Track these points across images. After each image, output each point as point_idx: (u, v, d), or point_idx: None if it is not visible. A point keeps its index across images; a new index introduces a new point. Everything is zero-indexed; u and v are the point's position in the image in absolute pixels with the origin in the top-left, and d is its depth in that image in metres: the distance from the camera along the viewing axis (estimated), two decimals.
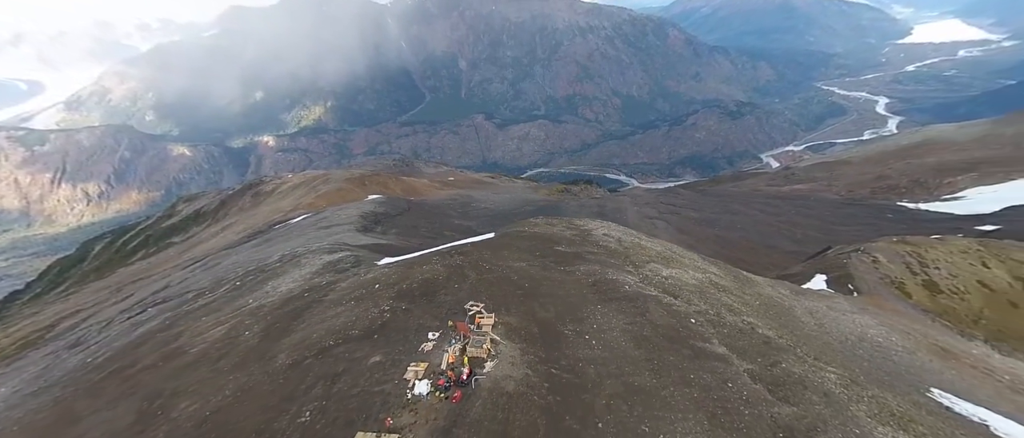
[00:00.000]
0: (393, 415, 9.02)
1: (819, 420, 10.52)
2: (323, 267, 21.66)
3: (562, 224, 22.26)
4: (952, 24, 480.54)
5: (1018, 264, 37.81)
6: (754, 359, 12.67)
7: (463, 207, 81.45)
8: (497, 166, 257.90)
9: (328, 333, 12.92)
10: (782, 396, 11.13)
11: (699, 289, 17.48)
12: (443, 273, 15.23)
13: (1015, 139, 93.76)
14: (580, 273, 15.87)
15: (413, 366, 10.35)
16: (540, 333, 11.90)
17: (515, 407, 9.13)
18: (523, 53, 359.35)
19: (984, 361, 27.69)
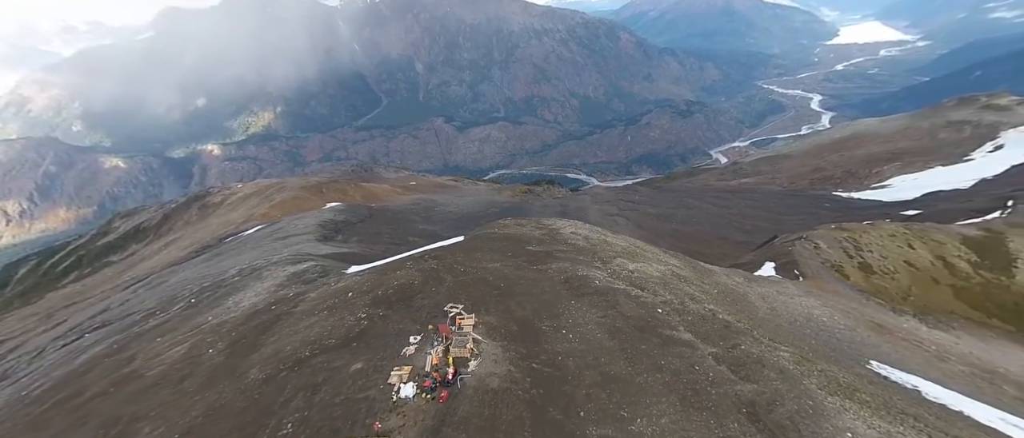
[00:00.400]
0: (381, 419, 9.07)
1: (777, 395, 11.45)
2: (288, 279, 21.03)
3: (531, 224, 22.76)
4: (873, 26, 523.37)
5: (938, 244, 41.84)
6: (717, 343, 13.57)
7: (427, 211, 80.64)
8: (459, 169, 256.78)
9: (303, 344, 12.71)
10: (743, 375, 12.01)
11: (663, 281, 18.41)
12: (419, 278, 15.28)
13: (931, 131, 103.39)
14: (552, 271, 16.37)
15: (397, 370, 10.40)
16: (519, 330, 12.25)
17: (501, 402, 9.42)
18: (480, 55, 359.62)
19: (913, 334, 30.58)
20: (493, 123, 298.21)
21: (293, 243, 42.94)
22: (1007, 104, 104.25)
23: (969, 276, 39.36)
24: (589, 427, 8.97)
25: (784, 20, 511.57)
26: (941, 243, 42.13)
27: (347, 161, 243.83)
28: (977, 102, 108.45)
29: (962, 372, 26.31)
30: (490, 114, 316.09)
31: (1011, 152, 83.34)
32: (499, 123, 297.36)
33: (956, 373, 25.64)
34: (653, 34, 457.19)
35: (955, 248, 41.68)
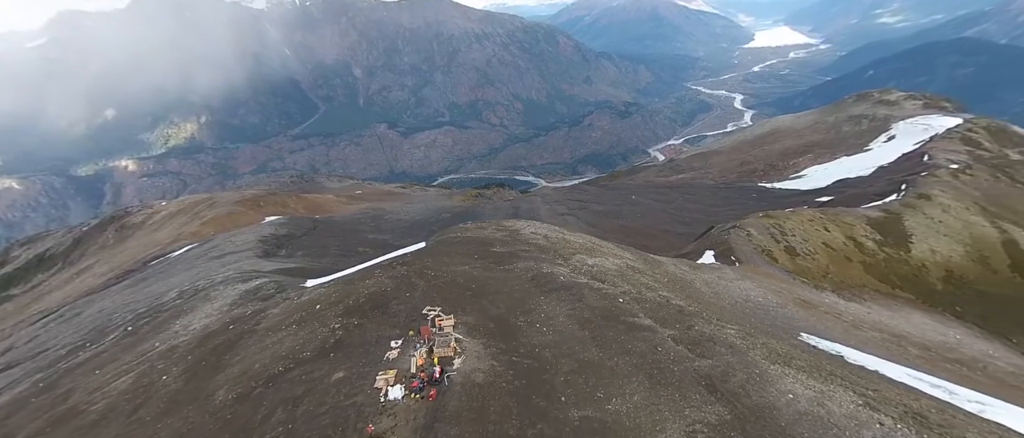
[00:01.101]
0: (373, 422, 9.20)
1: (729, 367, 12.76)
2: (241, 297, 20.07)
3: (492, 227, 23.29)
4: (783, 30, 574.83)
5: (848, 226, 47.03)
6: (673, 326, 14.80)
7: (375, 221, 78.58)
8: (406, 175, 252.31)
9: (274, 360, 12.41)
10: (699, 353, 13.25)
11: (620, 273, 19.62)
12: (390, 284, 15.32)
13: (835, 125, 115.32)
14: (519, 270, 16.99)
15: (382, 374, 10.53)
16: (496, 327, 12.74)
17: (488, 395, 9.86)
18: (421, 60, 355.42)
19: (833, 307, 34.29)
20: (439, 128, 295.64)
21: (231, 261, 40.62)
22: (895, 99, 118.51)
23: (875, 253, 44.64)
24: (571, 410, 9.66)
25: (706, 25, 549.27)
26: (851, 225, 47.43)
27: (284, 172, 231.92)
28: (871, 98, 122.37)
29: (875, 337, 29.91)
30: (435, 119, 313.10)
31: (901, 142, 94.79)
32: (445, 128, 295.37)
33: (870, 339, 29.12)
34: (589, 38, 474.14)
35: (862, 229, 47.05)
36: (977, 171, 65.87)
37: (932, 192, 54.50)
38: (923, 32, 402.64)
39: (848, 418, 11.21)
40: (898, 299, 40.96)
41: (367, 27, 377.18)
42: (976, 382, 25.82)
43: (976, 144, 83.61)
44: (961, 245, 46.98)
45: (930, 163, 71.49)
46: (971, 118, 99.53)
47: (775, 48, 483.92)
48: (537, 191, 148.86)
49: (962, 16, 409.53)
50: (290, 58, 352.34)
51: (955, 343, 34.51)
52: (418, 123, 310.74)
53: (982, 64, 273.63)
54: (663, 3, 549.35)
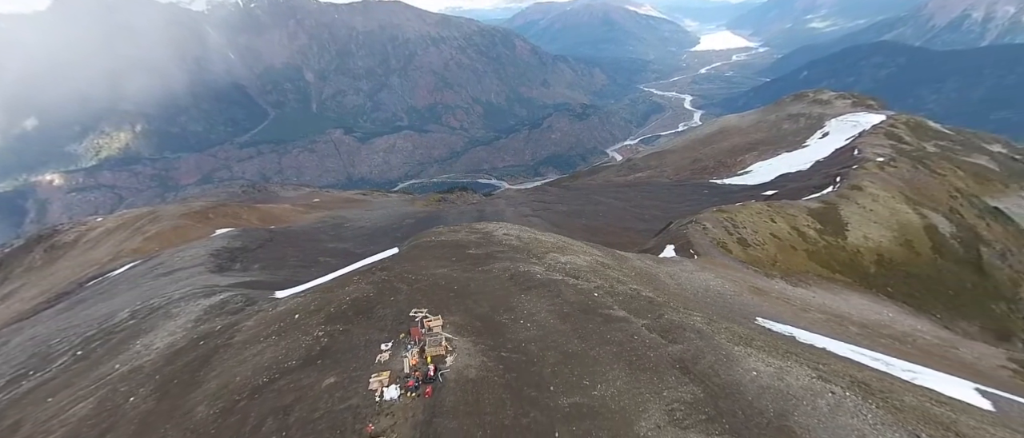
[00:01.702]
0: (372, 421, 9.34)
1: (698, 350, 13.75)
2: (206, 312, 19.29)
3: (465, 230, 23.58)
4: (726, 35, 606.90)
5: (792, 217, 50.49)
6: (645, 315, 15.70)
7: (335, 229, 76.46)
8: (365, 182, 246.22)
9: (257, 371, 12.20)
10: (671, 339, 14.18)
11: (592, 269, 20.46)
12: (372, 290, 15.33)
13: (776, 124, 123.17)
14: (497, 270, 17.42)
15: (375, 376, 10.64)
16: (483, 326, 13.10)
17: (482, 389, 10.22)
18: (377, 63, 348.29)
19: (782, 293, 36.85)
20: (397, 132, 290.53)
21: (182, 278, 38.69)
22: (828, 99, 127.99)
23: (816, 241, 48.17)
24: (560, 398, 10.21)
25: (655, 30, 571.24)
26: (794, 216, 50.93)
27: (233, 182, 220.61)
28: (807, 98, 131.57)
29: (820, 319, 32.44)
30: (393, 123, 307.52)
31: (834, 138, 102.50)
32: (404, 132, 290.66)
33: (816, 320, 31.58)
34: (545, 42, 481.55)
35: (804, 219, 50.63)
36: (900, 163, 72.39)
37: (863, 183, 59.40)
38: (849, 35, 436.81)
39: (804, 389, 12.41)
40: (838, 282, 44.42)
41: (317, 30, 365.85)
42: (908, 354, 28.58)
43: (898, 138, 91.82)
44: (889, 231, 51.45)
45: (860, 157, 77.83)
46: (893, 115, 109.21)
47: (719, 51, 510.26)
48: (500, 194, 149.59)
49: (882, 21, 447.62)
50: (235, 62, 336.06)
51: (888, 320, 37.87)
52: (376, 128, 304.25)
53: (901, 65, 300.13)
54: (614, 8, 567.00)
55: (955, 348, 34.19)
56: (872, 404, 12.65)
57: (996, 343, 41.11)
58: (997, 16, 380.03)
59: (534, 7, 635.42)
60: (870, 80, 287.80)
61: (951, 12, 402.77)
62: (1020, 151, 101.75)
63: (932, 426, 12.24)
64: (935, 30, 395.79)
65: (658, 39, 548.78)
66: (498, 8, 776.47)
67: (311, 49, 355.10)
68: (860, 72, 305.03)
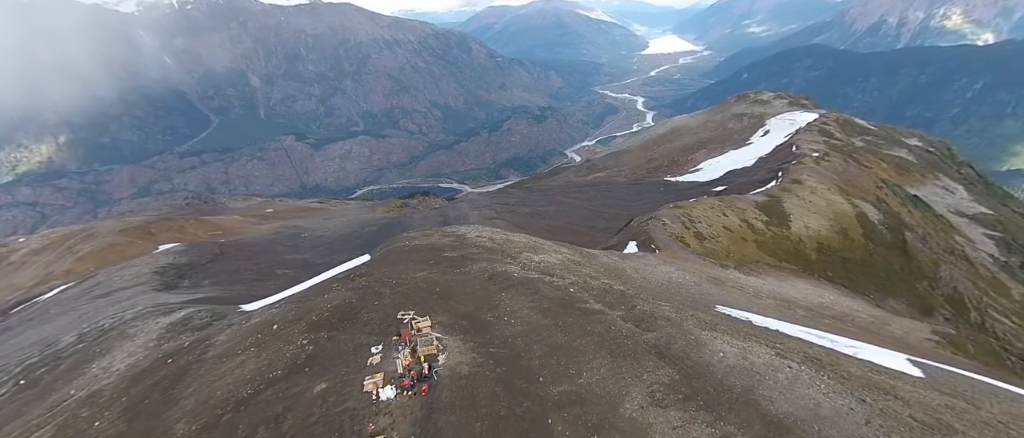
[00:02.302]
0: (371, 421, 9.44)
1: (670, 336, 14.69)
2: (168, 330, 18.36)
3: (438, 234, 23.70)
4: (672, 39, 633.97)
5: (741, 211, 53.70)
6: (619, 307, 16.55)
7: (293, 240, 73.73)
8: (320, 189, 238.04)
9: (238, 384, 11.92)
10: (645, 327, 15.06)
11: (564, 266, 21.19)
12: (354, 296, 15.24)
13: (722, 123, 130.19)
14: (475, 271, 17.73)
15: (369, 378, 10.72)
16: (469, 324, 13.40)
17: (475, 384, 10.55)
18: (328, 67, 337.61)
19: (737, 281, 39.23)
20: (353, 138, 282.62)
21: (122, 299, 36.45)
22: (767, 99, 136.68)
23: (764, 232, 51.47)
24: (549, 388, 10.72)
25: (606, 33, 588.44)
26: (743, 209, 54.20)
27: (174, 194, 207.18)
28: (749, 98, 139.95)
29: (771, 304, 34.83)
30: (348, 128, 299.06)
31: (775, 136, 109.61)
32: (360, 137, 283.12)
33: (768, 305, 33.90)
34: (501, 45, 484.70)
35: (752, 212, 53.97)
36: (833, 157, 78.53)
37: (801, 177, 64.01)
38: (783, 40, 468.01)
39: (766, 366, 13.58)
40: (784, 270, 47.65)
41: (263, 33, 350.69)
42: (848, 332, 31.24)
43: (830, 135, 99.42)
44: (826, 220, 55.71)
45: (797, 153, 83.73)
46: (824, 113, 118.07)
47: (667, 55, 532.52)
48: (463, 197, 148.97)
49: (811, 26, 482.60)
50: (172, 67, 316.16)
51: (829, 303, 41.09)
52: (330, 134, 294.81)
53: (829, 67, 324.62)
54: (566, 12, 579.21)
55: (887, 324, 37.66)
56: (824, 375, 14.01)
57: (921, 318, 45.53)
58: (909, 21, 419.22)
59: (488, 11, 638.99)
60: (802, 81, 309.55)
61: (870, 17, 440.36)
62: (933, 144, 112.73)
63: (875, 392, 13.71)
64: (857, 34, 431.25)
65: (609, 43, 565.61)
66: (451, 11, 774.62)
67: (256, 53, 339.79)
68: (794, 74, 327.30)
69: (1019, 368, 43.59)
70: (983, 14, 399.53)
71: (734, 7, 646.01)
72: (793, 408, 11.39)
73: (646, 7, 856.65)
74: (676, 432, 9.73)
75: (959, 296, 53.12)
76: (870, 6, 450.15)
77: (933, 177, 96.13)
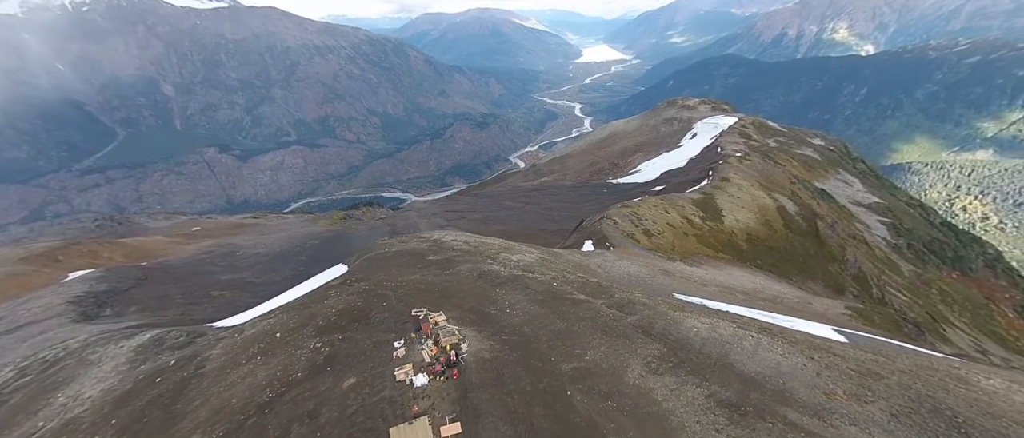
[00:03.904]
0: (413, 404, 10.05)
1: (650, 318, 16.47)
2: (138, 352, 17.30)
3: (414, 240, 24.12)
4: (603, 48, 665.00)
5: (681, 208, 58.22)
6: (600, 296, 18.14)
7: (226, 258, 69.27)
8: (250, 204, 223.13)
9: (255, 390, 11.92)
10: (627, 311, 16.73)
11: (540, 264, 22.54)
12: (359, 300, 15.47)
13: (655, 127, 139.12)
14: (464, 271, 18.51)
15: (399, 369, 11.27)
16: (477, 317, 14.23)
17: (499, 366, 11.44)
18: (254, 74, 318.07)
19: (684, 273, 42.74)
20: (285, 148, 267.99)
21: (33, 333, 33.38)
22: (693, 104, 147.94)
23: (701, 226, 56.20)
24: (562, 365, 11.89)
25: (542, 42, 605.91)
26: (682, 206, 58.81)
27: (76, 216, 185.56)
28: (677, 104, 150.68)
29: (716, 290, 38.43)
30: (279, 138, 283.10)
31: (702, 138, 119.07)
32: (292, 148, 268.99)
33: (714, 291, 37.40)
34: (439, 53, 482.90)
35: (690, 209, 58.70)
36: (753, 157, 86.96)
37: (729, 176, 70.41)
38: (701, 49, 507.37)
39: (732, 336, 15.68)
40: (722, 260, 52.36)
41: (175, 38, 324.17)
42: (781, 310, 35.25)
43: (748, 136, 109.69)
44: (752, 214, 61.74)
45: (723, 153, 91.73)
46: (742, 117, 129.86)
47: (600, 63, 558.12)
48: (409, 206, 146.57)
49: (725, 37, 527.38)
50: (66, 75, 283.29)
51: (761, 287, 45.81)
52: (258, 144, 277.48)
53: (741, 74, 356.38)
54: (502, 20, 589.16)
55: (810, 303, 42.76)
56: (778, 342, 16.40)
57: (835, 296, 51.91)
58: (806, 34, 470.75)
59: (423, 18, 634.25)
60: (721, 87, 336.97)
61: (774, 30, 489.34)
62: (833, 143, 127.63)
63: (818, 351, 16.28)
64: (764, 45, 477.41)
65: (546, 51, 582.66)
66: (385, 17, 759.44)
67: (168, 59, 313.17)
68: (713, 81, 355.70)
69: (913, 333, 51.08)
70: (864, 28, 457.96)
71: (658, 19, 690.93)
72: (760, 367, 13.44)
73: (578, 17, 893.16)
74: (673, 393, 11.30)
75: (863, 275, 60.94)
76: (773, 20, 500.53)
77: (834, 172, 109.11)
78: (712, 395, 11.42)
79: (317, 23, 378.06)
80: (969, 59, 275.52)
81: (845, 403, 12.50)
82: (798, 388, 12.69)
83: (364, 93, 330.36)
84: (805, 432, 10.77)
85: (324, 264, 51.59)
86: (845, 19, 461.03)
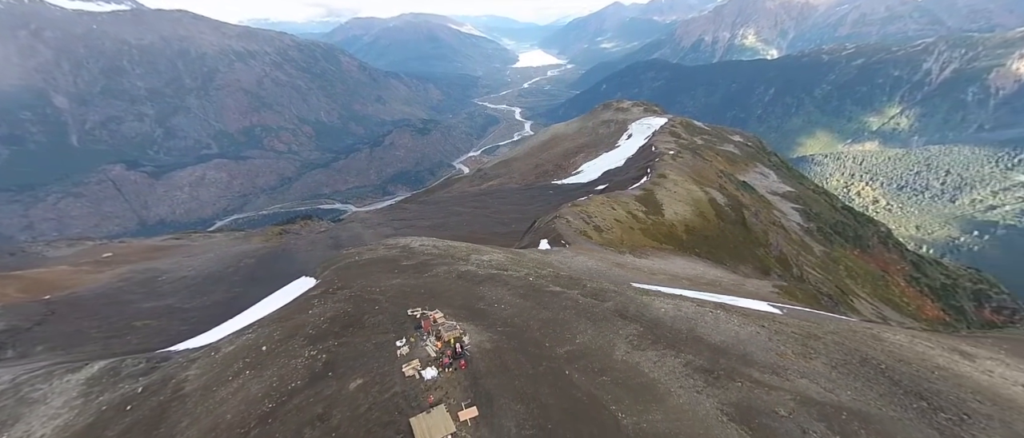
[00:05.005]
0: (428, 395, 10.38)
1: (623, 303, 17.86)
2: (90, 384, 15.86)
3: (382, 248, 23.99)
4: (538, 53, 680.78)
5: (625, 204, 61.56)
6: (574, 287, 19.32)
7: (148, 285, 63.46)
8: (167, 225, 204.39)
9: (251, 403, 11.64)
10: (601, 299, 18.02)
11: (510, 262, 23.38)
12: (348, 306, 15.34)
13: (594, 129, 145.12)
14: (442, 274, 18.87)
15: (406, 366, 11.50)
16: (469, 313, 14.69)
17: (501, 354, 12.06)
18: (164, 83, 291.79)
19: (634, 264, 45.41)
20: (206, 162, 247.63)
21: None
22: (627, 106, 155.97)
23: (645, 221, 59.79)
24: (557, 349, 12.77)
25: (479, 47, 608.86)
26: (626, 203, 62.23)
27: None
28: (612, 106, 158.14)
29: (665, 278, 41.25)
30: (198, 152, 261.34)
31: (637, 138, 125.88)
32: (215, 161, 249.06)
33: (663, 279, 40.18)
34: (372, 58, 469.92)
35: (634, 205, 62.23)
36: (684, 154, 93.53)
37: (665, 172, 75.30)
38: (630, 55, 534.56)
39: (696, 313, 17.44)
40: (665, 250, 56.04)
41: (67, 43, 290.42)
42: (722, 291, 38.59)
43: (678, 135, 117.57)
44: (689, 207, 66.53)
45: (657, 152, 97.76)
46: (671, 118, 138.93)
47: (536, 68, 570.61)
48: (351, 217, 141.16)
49: (650, 42, 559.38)
50: None
51: (702, 273, 49.65)
52: (174, 159, 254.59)
53: (666, 78, 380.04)
54: (437, 25, 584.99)
55: (743, 285, 47.07)
56: (733, 316, 18.40)
57: (762, 277, 57.29)
58: (720, 40, 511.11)
59: (354, 22, 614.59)
60: (649, 90, 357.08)
61: (692, 36, 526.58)
62: (750, 139, 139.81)
63: (765, 320, 18.47)
64: (684, 50, 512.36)
65: (483, 56, 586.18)
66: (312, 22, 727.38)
67: (59, 67, 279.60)
68: (642, 84, 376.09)
69: (829, 304, 57.58)
70: (768, 35, 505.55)
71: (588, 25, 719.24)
72: (723, 337, 15.17)
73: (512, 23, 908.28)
74: (656, 365, 12.58)
75: (784, 257, 67.64)
76: (691, 27, 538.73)
77: (753, 165, 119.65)
78: (689, 363, 12.84)
79: (236, 27, 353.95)
80: (855, 61, 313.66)
81: (795, 361, 14.47)
82: (756, 352, 14.50)
83: (294, 101, 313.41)
84: (768, 387, 12.45)
85: (264, 284, 49.43)
86: (752, 26, 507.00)
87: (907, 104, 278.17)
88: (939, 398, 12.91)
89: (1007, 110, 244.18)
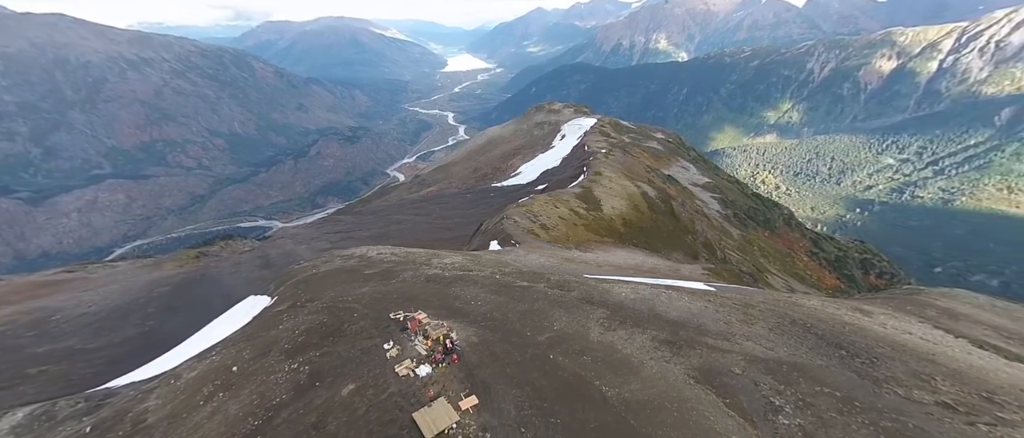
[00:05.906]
0: (427, 389, 10.60)
1: (587, 291, 19.08)
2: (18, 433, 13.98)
3: (338, 259, 23.39)
4: (467, 57, 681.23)
5: (566, 202, 64.00)
6: (540, 281, 20.27)
7: (40, 325, 55.94)
8: (52, 257, 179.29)
9: (232, 423, 11.14)
10: (567, 289, 19.12)
11: (472, 263, 23.88)
12: (324, 317, 14.89)
13: (529, 131, 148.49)
14: (409, 278, 18.90)
15: (398, 366, 11.57)
16: (449, 312, 14.95)
17: (489, 346, 12.53)
18: (39, 96, 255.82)
19: (581, 258, 47.51)
20: (97, 184, 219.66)
21: None
22: (558, 108, 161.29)
23: (586, 217, 62.59)
24: (538, 337, 13.54)
25: (406, 52, 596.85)
26: (568, 201, 64.75)
27: None
28: (544, 108, 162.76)
29: (611, 269, 43.65)
30: (86, 172, 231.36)
31: (570, 139, 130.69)
32: (108, 182, 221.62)
33: (609, 269, 42.52)
34: (290, 64, 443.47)
35: (574, 202, 64.87)
36: (615, 152, 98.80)
37: (600, 170, 79.18)
38: (555, 58, 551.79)
39: (651, 295, 19.08)
40: (607, 243, 59.06)
41: None
42: (663, 276, 41.61)
43: (607, 134, 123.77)
44: (624, 201, 70.51)
45: (590, 151, 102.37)
46: (600, 118, 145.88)
47: (466, 72, 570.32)
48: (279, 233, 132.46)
49: (574, 46, 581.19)
50: None
51: (641, 262, 52.96)
52: (56, 182, 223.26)
53: (591, 80, 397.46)
54: (360, 30, 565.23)
55: (679, 269, 50.99)
56: (682, 295, 20.33)
57: (693, 261, 62.22)
58: (636, 44, 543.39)
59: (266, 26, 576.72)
60: (576, 92, 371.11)
61: (612, 41, 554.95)
62: (670, 136, 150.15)
63: (710, 297, 20.60)
64: (606, 54, 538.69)
65: (410, 61, 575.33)
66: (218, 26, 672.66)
67: None
68: (569, 87, 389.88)
69: (750, 281, 63.67)
70: (677, 39, 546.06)
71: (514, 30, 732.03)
72: (679, 314, 16.84)
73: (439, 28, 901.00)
74: (628, 341, 13.81)
75: (709, 242, 73.82)
76: (610, 32, 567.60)
77: (676, 160, 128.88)
78: (654, 338, 14.21)
79: (126, 32, 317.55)
80: (752, 63, 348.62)
81: (739, 328, 16.44)
82: (708, 323, 16.30)
83: (201, 111, 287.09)
84: (722, 350, 14.14)
85: (185, 312, 45.79)
86: (663, 31, 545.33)
87: (796, 100, 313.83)
88: (853, 347, 15.37)
89: (875, 102, 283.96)
